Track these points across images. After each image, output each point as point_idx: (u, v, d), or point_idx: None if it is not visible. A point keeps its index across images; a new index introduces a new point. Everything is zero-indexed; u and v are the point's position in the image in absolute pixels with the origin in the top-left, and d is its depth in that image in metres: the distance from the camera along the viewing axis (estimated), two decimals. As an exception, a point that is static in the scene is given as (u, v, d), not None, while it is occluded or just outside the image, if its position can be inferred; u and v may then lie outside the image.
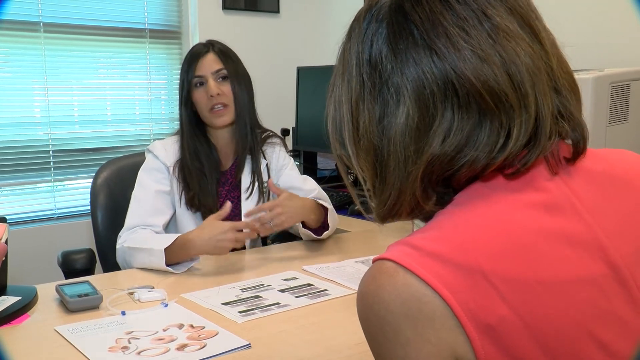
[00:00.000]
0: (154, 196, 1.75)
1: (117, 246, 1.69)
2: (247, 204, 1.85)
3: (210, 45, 1.82)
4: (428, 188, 0.66)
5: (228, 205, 1.62)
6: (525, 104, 0.63)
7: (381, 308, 0.61)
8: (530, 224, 0.63)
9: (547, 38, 0.67)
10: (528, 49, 0.64)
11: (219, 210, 1.72)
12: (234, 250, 1.62)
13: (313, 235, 1.78)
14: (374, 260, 0.64)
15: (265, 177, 1.89)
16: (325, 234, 1.79)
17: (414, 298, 0.59)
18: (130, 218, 1.72)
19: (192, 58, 1.80)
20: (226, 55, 1.82)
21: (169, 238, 1.58)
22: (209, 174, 1.80)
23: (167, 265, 1.55)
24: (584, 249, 0.63)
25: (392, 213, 0.69)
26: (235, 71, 1.81)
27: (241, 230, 1.58)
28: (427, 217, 0.70)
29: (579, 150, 0.68)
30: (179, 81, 1.83)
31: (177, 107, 3.14)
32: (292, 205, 1.67)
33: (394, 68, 0.65)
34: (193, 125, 1.81)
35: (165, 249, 1.54)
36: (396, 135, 0.65)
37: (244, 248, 1.77)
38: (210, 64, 1.79)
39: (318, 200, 1.79)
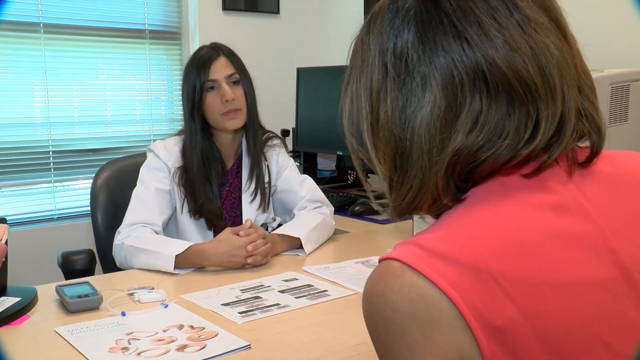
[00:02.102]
0: (155, 195, 1.76)
1: (116, 242, 1.69)
2: (248, 206, 1.85)
3: (219, 49, 1.81)
4: (450, 181, 0.65)
5: (249, 222, 1.62)
6: (553, 95, 0.62)
7: (387, 308, 0.60)
8: (539, 225, 0.62)
9: (572, 37, 0.67)
10: (557, 42, 0.64)
11: (224, 212, 1.73)
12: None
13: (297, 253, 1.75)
14: (381, 260, 0.63)
15: (265, 179, 1.89)
16: (307, 249, 1.73)
17: (421, 299, 0.59)
18: (131, 215, 1.72)
19: (203, 62, 1.77)
20: (235, 58, 1.83)
21: (181, 245, 1.59)
22: (214, 179, 1.80)
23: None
24: (592, 251, 0.62)
25: (412, 207, 0.68)
26: (244, 74, 1.82)
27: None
28: (438, 214, 0.69)
29: (594, 154, 0.68)
30: (184, 86, 1.79)
31: (178, 107, 3.14)
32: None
33: (422, 57, 0.64)
34: (202, 130, 1.79)
35: (176, 255, 1.55)
36: (421, 124, 0.64)
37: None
38: (222, 68, 1.78)
39: (284, 233, 1.72)
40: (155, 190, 1.76)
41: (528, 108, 0.62)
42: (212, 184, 1.79)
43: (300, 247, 1.73)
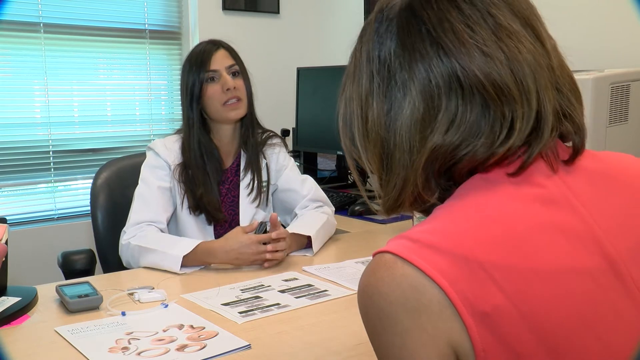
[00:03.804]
0: (158, 193, 1.76)
1: (122, 242, 1.70)
2: (246, 202, 1.85)
3: (218, 43, 1.83)
4: (431, 179, 0.69)
5: (256, 223, 1.63)
6: (527, 97, 0.65)
7: (380, 299, 0.62)
8: (526, 215, 0.64)
9: (548, 40, 0.70)
10: (530, 47, 0.67)
11: (223, 210, 1.75)
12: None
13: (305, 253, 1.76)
14: (374, 254, 0.66)
15: (264, 177, 1.89)
16: (315, 247, 1.74)
17: (412, 288, 0.61)
18: (135, 214, 1.73)
19: (204, 55, 1.79)
20: (234, 52, 1.85)
21: (189, 244, 1.59)
22: (213, 173, 1.81)
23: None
24: (579, 242, 0.64)
25: (397, 204, 0.72)
26: (243, 68, 1.84)
27: (265, 243, 1.58)
28: (428, 212, 0.72)
29: (576, 152, 0.70)
30: (184, 80, 1.80)
31: (178, 107, 3.14)
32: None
33: (402, 62, 0.69)
34: (200, 124, 1.80)
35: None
36: (402, 126, 0.68)
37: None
38: (223, 59, 1.80)
39: (294, 231, 1.72)
40: (157, 189, 1.77)
41: (502, 109, 0.65)
42: (210, 178, 1.80)
43: (307, 246, 1.74)
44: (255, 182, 1.86)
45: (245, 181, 1.86)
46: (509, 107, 0.65)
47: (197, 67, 1.78)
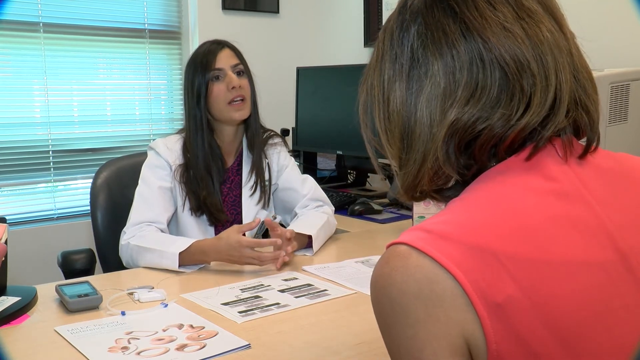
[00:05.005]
0: (158, 193, 1.76)
1: (122, 242, 1.70)
2: (248, 202, 1.86)
3: (223, 43, 1.83)
4: (451, 154, 0.69)
5: (256, 221, 1.61)
6: (546, 74, 0.67)
7: (393, 290, 0.62)
8: (540, 208, 0.65)
9: (569, 31, 0.72)
10: (550, 28, 0.69)
11: (225, 210, 1.76)
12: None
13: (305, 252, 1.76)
14: (388, 246, 0.66)
15: (266, 176, 1.89)
16: (315, 247, 1.73)
17: (426, 279, 0.61)
18: (135, 214, 1.73)
19: (208, 55, 1.78)
20: (239, 52, 1.85)
21: (184, 242, 1.59)
22: (216, 174, 1.81)
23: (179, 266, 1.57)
24: (592, 235, 0.65)
25: (416, 180, 0.72)
26: (247, 68, 1.85)
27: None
28: (444, 198, 0.74)
29: (590, 145, 0.71)
30: (188, 81, 1.79)
31: (178, 107, 3.14)
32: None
33: (425, 41, 0.70)
34: (205, 124, 1.79)
35: (179, 252, 1.56)
36: (423, 102, 0.70)
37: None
38: (228, 58, 1.80)
39: (297, 232, 1.69)
40: (158, 189, 1.77)
41: (521, 83, 0.66)
42: (213, 178, 1.80)
43: (308, 245, 1.73)
44: (258, 179, 1.86)
45: (247, 178, 1.87)
46: (527, 82, 0.66)
47: (202, 68, 1.77)
